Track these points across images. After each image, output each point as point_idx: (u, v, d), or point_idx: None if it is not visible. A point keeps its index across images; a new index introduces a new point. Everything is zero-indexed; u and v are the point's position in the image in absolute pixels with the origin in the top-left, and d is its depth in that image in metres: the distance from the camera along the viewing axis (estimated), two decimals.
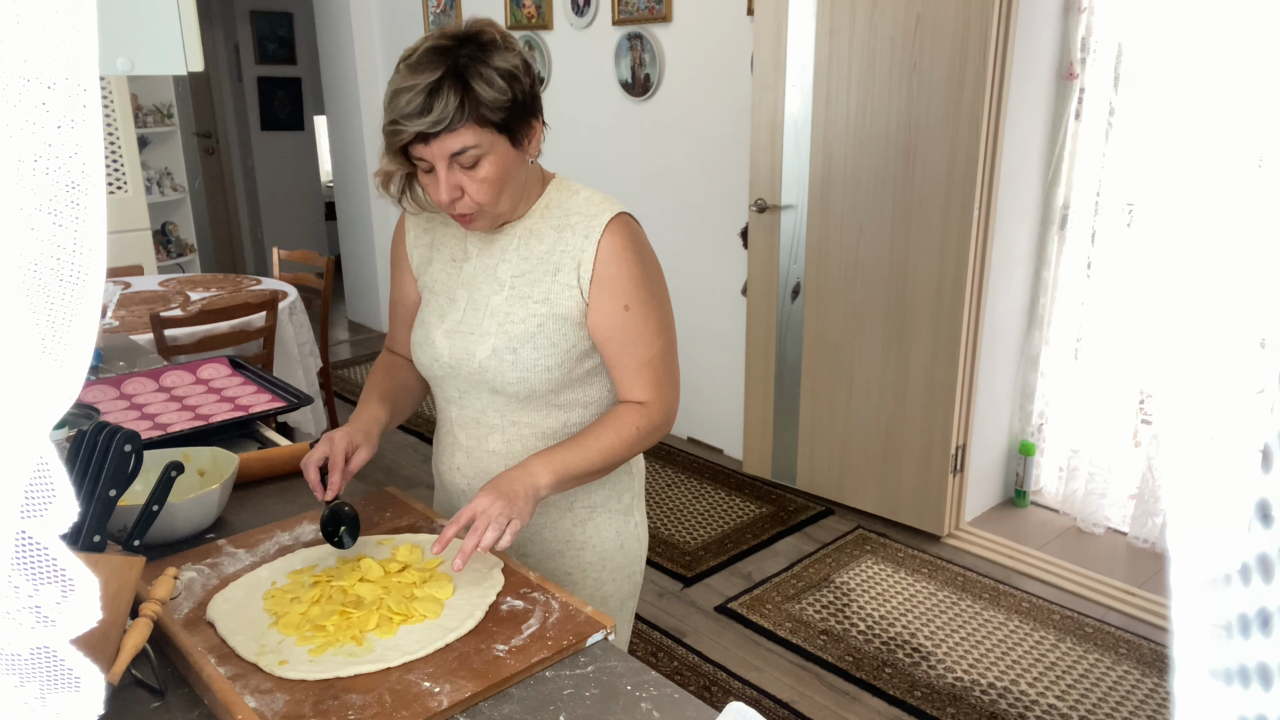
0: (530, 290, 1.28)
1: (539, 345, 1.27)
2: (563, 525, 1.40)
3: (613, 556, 1.43)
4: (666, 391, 1.32)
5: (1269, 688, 0.34)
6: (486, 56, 1.15)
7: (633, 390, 1.31)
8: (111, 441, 1.05)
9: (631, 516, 1.45)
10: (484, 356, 1.29)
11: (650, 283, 1.30)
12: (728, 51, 3.55)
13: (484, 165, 1.19)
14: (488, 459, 1.37)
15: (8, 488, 0.37)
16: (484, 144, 1.17)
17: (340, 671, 1.00)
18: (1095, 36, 3.06)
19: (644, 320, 1.28)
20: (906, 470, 3.22)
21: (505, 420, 1.34)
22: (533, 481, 1.21)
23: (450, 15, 4.80)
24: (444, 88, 1.13)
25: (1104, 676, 2.47)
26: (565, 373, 1.30)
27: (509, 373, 1.28)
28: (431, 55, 1.15)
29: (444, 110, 1.13)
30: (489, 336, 1.29)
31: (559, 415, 1.34)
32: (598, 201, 1.30)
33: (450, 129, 1.14)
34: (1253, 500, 0.34)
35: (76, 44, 0.37)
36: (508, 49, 1.18)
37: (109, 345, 2.30)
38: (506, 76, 1.16)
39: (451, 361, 1.32)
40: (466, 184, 1.20)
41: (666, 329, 1.32)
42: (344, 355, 5.55)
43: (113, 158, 4.24)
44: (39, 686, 0.42)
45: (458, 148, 1.16)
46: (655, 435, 1.32)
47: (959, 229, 2.90)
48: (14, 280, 0.37)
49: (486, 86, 1.14)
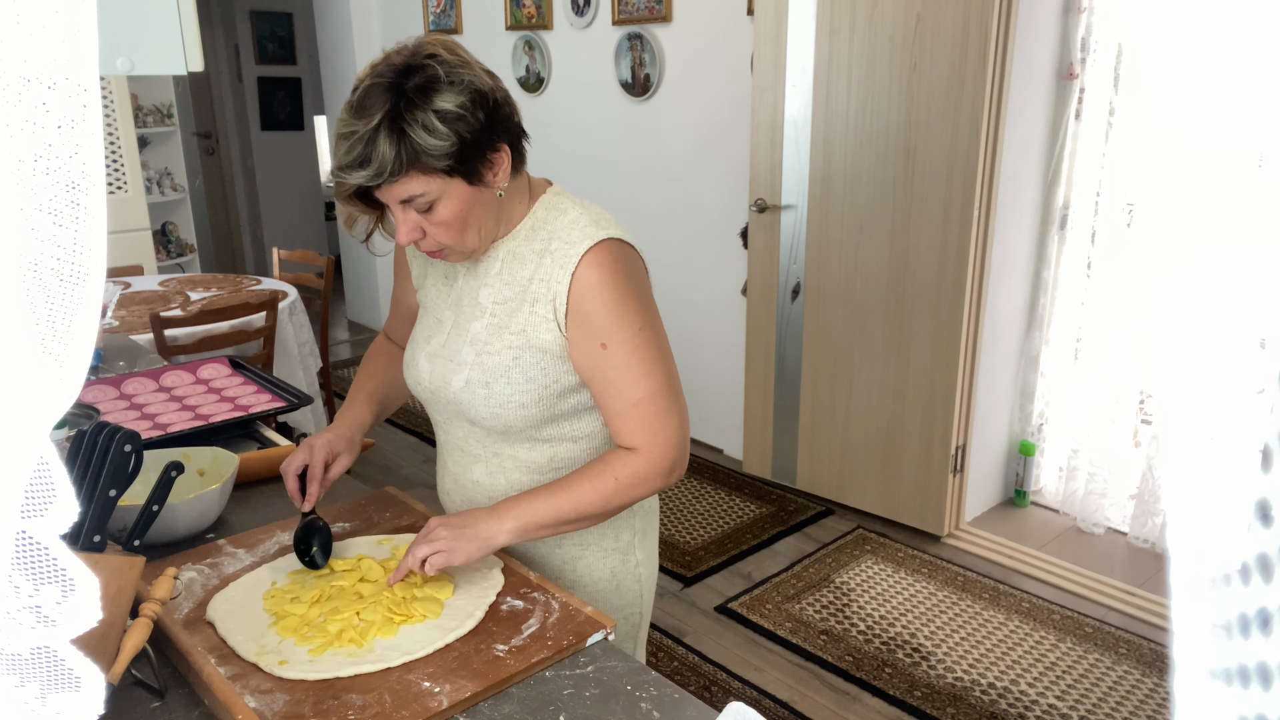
0: (509, 320, 1.20)
1: (513, 380, 1.19)
2: (551, 562, 1.32)
3: (606, 597, 1.34)
4: (661, 439, 1.19)
5: (1269, 688, 0.34)
6: (426, 99, 1.05)
7: (621, 435, 1.20)
8: (111, 441, 1.05)
9: (631, 556, 1.35)
10: (458, 388, 1.22)
11: (633, 317, 1.17)
12: (728, 51, 3.55)
13: (439, 209, 1.11)
14: (472, 488, 1.31)
15: (8, 488, 0.37)
16: (433, 190, 1.09)
17: (340, 671, 1.00)
18: (1095, 36, 3.06)
19: (626, 359, 1.16)
20: (906, 470, 3.22)
21: (488, 451, 1.27)
22: (496, 526, 1.15)
23: (450, 15, 4.80)
24: (379, 137, 1.04)
25: (1104, 676, 2.47)
26: (544, 409, 1.21)
27: (481, 407, 1.21)
28: (371, 95, 1.05)
29: (380, 164, 1.04)
30: (465, 366, 1.22)
31: (544, 449, 1.25)
32: (582, 225, 1.19)
33: (392, 179, 1.06)
34: (1253, 500, 0.34)
35: (76, 44, 0.37)
36: (451, 84, 1.06)
37: (109, 345, 2.30)
38: (450, 119, 1.06)
39: (431, 388, 1.27)
40: (425, 226, 1.13)
41: (656, 367, 1.18)
42: (344, 355, 5.55)
43: (113, 158, 4.24)
44: (39, 686, 0.42)
45: (405, 195, 1.09)
46: (642, 488, 1.19)
47: (959, 229, 2.90)
48: (14, 280, 0.37)
49: (426, 134, 1.05)
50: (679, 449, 1.21)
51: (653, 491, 1.21)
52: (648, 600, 1.41)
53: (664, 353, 1.20)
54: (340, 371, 5.14)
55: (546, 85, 4.37)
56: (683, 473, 1.23)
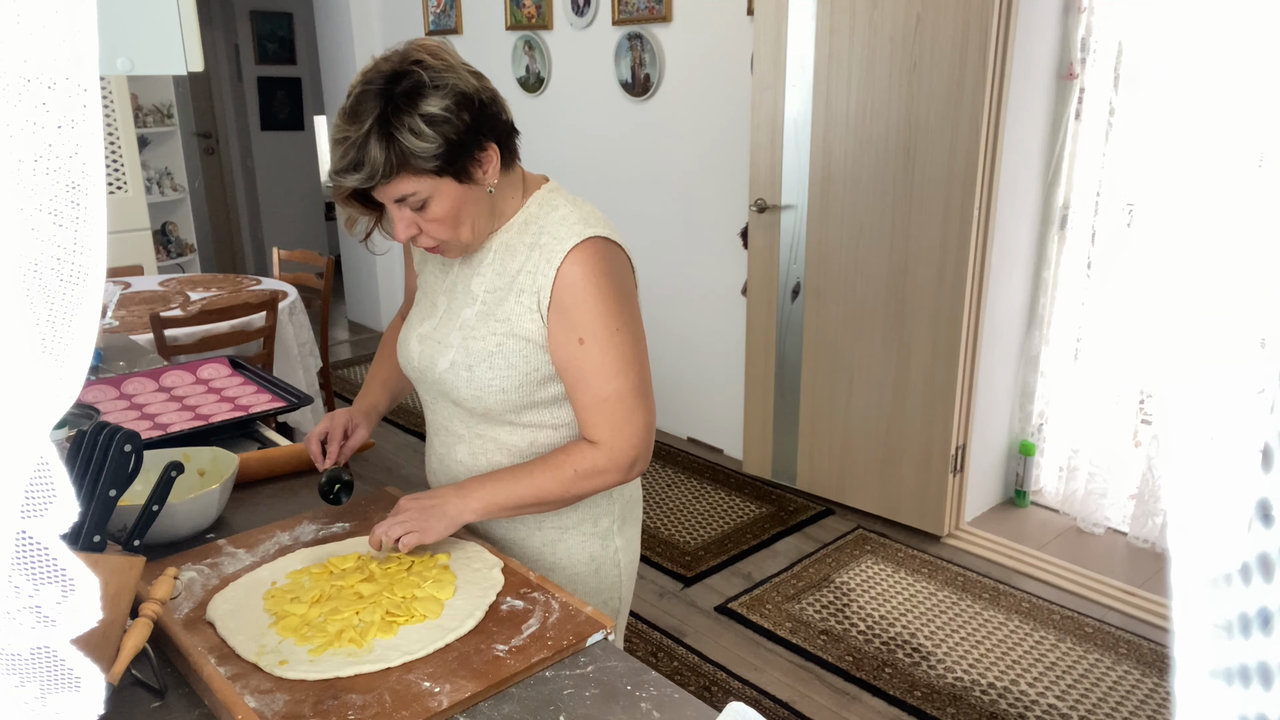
0: (496, 308, 1.25)
1: (495, 365, 1.24)
2: (531, 544, 1.35)
3: (585, 580, 1.37)
4: (622, 438, 1.23)
5: (1269, 687, 0.34)
6: (413, 103, 1.10)
7: (586, 428, 1.25)
8: (111, 441, 1.05)
9: (611, 541, 1.39)
10: (443, 369, 1.28)
11: (612, 317, 1.21)
12: (728, 51, 3.55)
13: (432, 207, 1.16)
14: (455, 468, 1.36)
15: (8, 488, 0.37)
16: (424, 189, 1.15)
17: (340, 671, 1.00)
18: (1095, 36, 3.06)
19: (600, 356, 1.20)
20: (906, 470, 3.22)
21: (471, 432, 1.32)
22: (462, 505, 1.22)
23: (450, 15, 4.80)
24: (370, 142, 1.10)
25: (1104, 676, 2.47)
26: (524, 396, 1.26)
27: (463, 389, 1.26)
28: (362, 101, 1.11)
29: (372, 167, 1.10)
30: (451, 349, 1.27)
31: (524, 434, 1.30)
32: (571, 222, 1.23)
33: (384, 181, 1.12)
34: (1253, 500, 0.34)
35: (76, 44, 0.37)
36: (436, 88, 1.11)
37: (109, 345, 2.30)
38: (436, 122, 1.11)
39: (420, 367, 1.32)
40: (420, 223, 1.19)
41: (629, 367, 1.22)
42: (344, 355, 5.55)
43: (113, 158, 4.24)
44: (39, 686, 0.42)
45: (398, 195, 1.15)
46: (598, 480, 1.24)
47: (959, 229, 2.90)
48: (14, 280, 0.37)
49: (413, 138, 1.10)
50: (641, 447, 1.25)
51: (611, 485, 1.26)
52: (627, 587, 1.44)
53: (639, 354, 1.24)
54: (340, 371, 5.14)
55: (546, 85, 4.37)
56: (644, 469, 1.28)
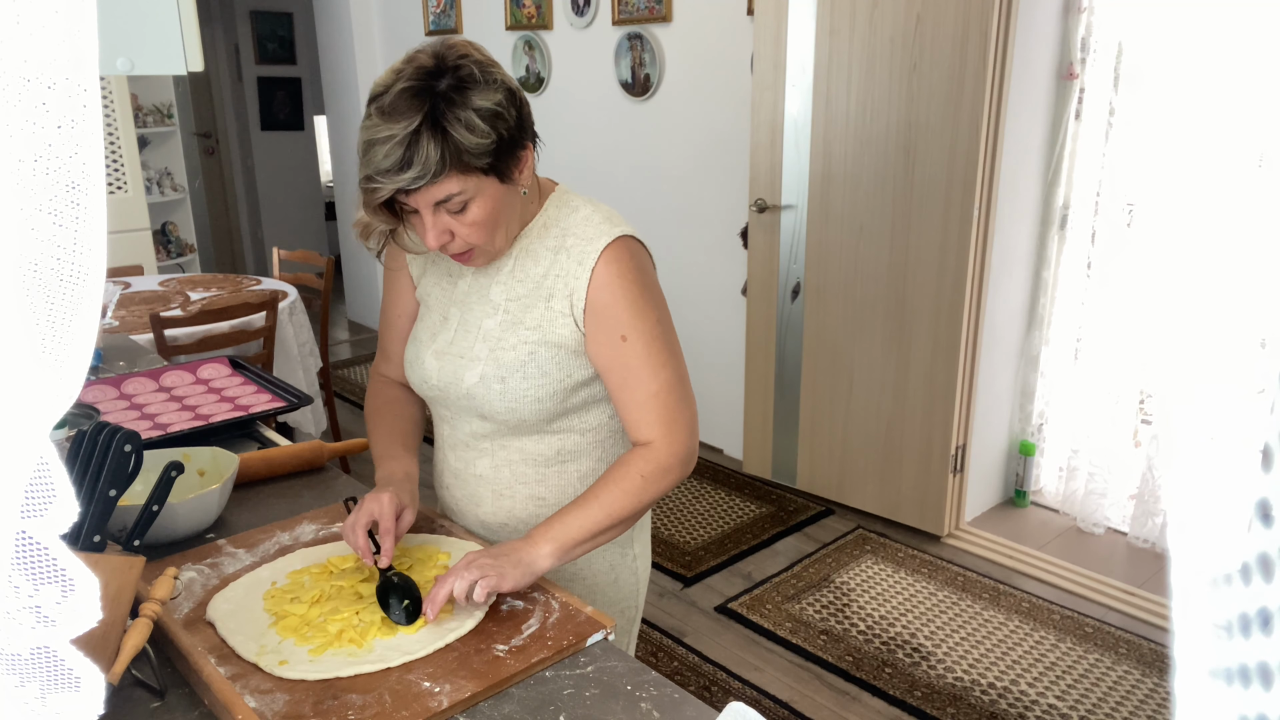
0: (523, 316, 1.22)
1: (529, 375, 1.21)
2: None
3: (605, 590, 1.36)
4: (677, 430, 1.21)
5: (1269, 687, 0.34)
6: (465, 97, 1.05)
7: (639, 428, 1.22)
8: (111, 441, 1.05)
9: (629, 550, 1.38)
10: (472, 383, 1.23)
11: (650, 311, 1.20)
12: (727, 51, 3.55)
13: (472, 209, 1.11)
14: (474, 482, 1.33)
15: (8, 488, 0.37)
16: (469, 189, 1.09)
17: (340, 671, 1.00)
18: (1095, 36, 3.06)
19: (645, 349, 1.19)
20: (906, 470, 3.22)
21: (495, 445, 1.29)
22: (533, 551, 1.14)
23: (450, 16, 4.80)
24: (421, 138, 1.04)
25: (1104, 676, 2.47)
26: (558, 403, 1.23)
27: (496, 402, 1.22)
28: (405, 98, 1.04)
29: (424, 165, 1.04)
30: (478, 362, 1.23)
31: (553, 441, 1.27)
32: (596, 222, 1.21)
33: (434, 180, 1.06)
34: (1253, 500, 0.34)
35: (76, 44, 0.37)
36: (488, 84, 1.07)
37: (109, 345, 2.30)
38: (490, 117, 1.07)
39: (440, 384, 1.27)
40: (455, 227, 1.13)
41: (671, 360, 1.22)
42: (344, 355, 5.55)
43: (113, 158, 4.24)
44: (39, 686, 0.42)
45: (442, 196, 1.09)
46: (666, 479, 1.21)
47: (959, 229, 2.90)
48: (14, 280, 0.37)
49: (468, 133, 1.05)
50: (693, 438, 1.24)
51: (675, 482, 1.23)
52: (642, 594, 1.44)
53: (677, 346, 1.24)
54: (340, 372, 5.14)
55: (546, 85, 4.37)
56: (694, 464, 1.26)
